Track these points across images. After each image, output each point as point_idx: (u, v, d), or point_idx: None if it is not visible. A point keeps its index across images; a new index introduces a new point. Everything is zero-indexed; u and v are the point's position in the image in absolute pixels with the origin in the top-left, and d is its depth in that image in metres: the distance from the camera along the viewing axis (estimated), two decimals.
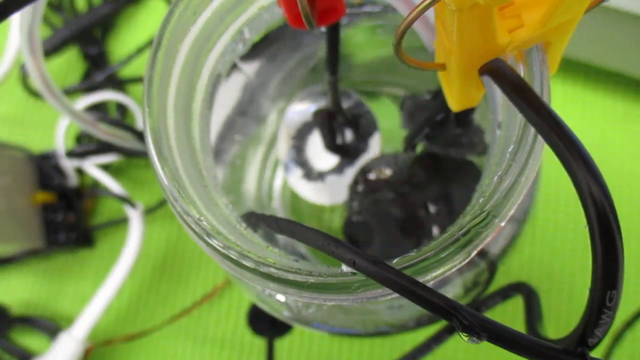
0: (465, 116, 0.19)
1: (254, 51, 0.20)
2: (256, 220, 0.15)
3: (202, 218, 0.13)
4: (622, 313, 0.32)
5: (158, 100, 0.15)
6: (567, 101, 0.35)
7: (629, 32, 0.29)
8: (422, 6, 0.11)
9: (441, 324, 0.20)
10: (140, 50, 0.37)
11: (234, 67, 0.20)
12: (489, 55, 0.12)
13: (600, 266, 0.11)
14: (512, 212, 0.13)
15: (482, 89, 0.15)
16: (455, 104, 0.15)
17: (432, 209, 0.23)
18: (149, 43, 0.37)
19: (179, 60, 0.15)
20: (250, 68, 0.24)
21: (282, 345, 0.34)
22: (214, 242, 0.13)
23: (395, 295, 0.12)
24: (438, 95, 0.19)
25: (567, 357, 0.11)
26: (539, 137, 0.12)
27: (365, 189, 0.25)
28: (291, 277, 0.12)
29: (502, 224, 0.13)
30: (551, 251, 0.33)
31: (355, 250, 0.12)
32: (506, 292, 0.19)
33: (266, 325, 0.27)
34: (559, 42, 0.13)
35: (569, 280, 0.33)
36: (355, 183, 0.25)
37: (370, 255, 0.12)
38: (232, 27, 0.16)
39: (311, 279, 0.12)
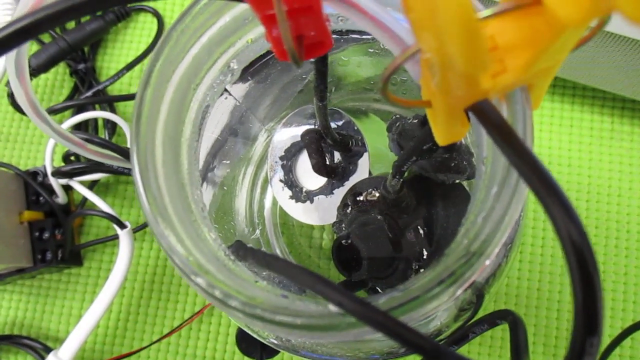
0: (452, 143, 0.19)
1: (243, 75, 0.20)
2: (244, 253, 0.15)
3: (190, 257, 0.13)
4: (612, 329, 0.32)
5: (146, 137, 0.15)
6: (555, 118, 0.36)
7: (616, 53, 0.29)
8: (405, 55, 0.11)
9: None
10: (129, 67, 0.37)
11: (223, 91, 0.20)
12: (472, 99, 0.12)
13: (581, 312, 0.11)
14: (497, 250, 0.13)
15: (466, 125, 0.15)
16: (441, 139, 0.15)
17: (421, 231, 0.23)
18: (138, 59, 0.37)
19: (167, 96, 0.15)
20: (239, 91, 0.24)
21: None
22: (199, 281, 0.13)
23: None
24: (425, 123, 0.19)
25: None
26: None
27: (353, 211, 0.25)
28: (278, 318, 0.12)
29: (487, 262, 0.13)
30: (540, 275, 0.33)
31: (343, 291, 0.12)
32: (492, 320, 0.19)
33: (255, 347, 0.27)
34: (541, 84, 0.13)
35: (557, 307, 0.33)
36: (344, 205, 0.25)
37: (358, 298, 0.12)
38: (220, 61, 0.16)
39: (298, 320, 0.12)
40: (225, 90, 0.22)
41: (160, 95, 0.14)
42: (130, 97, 0.36)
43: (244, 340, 0.27)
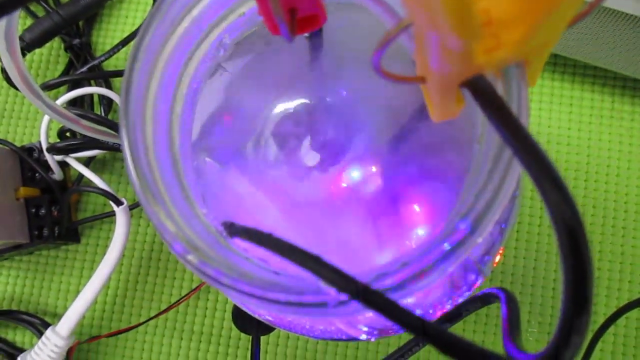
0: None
1: (237, 50, 0.19)
2: (237, 231, 0.15)
3: (179, 233, 0.13)
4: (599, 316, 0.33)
5: (135, 112, 0.14)
6: (555, 96, 0.35)
7: (617, 30, 0.28)
8: (398, 28, 0.11)
9: None
10: (125, 42, 0.36)
11: (217, 66, 0.19)
12: (466, 74, 0.12)
13: (571, 292, 0.11)
14: (489, 227, 0.13)
15: (462, 102, 0.14)
16: (436, 116, 0.15)
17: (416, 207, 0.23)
18: (133, 34, 0.37)
19: (157, 71, 0.14)
20: (234, 66, 0.24)
21: (268, 340, 0.34)
22: (190, 258, 0.13)
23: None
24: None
25: None
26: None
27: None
28: (270, 295, 0.12)
29: (479, 240, 0.13)
30: (536, 254, 0.33)
31: (336, 269, 0.12)
32: (486, 298, 0.19)
33: (251, 323, 0.27)
34: (537, 60, 0.13)
35: (552, 286, 0.33)
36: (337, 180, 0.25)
37: (349, 276, 0.12)
38: (212, 35, 0.16)
39: (290, 298, 0.12)
40: (220, 66, 0.22)
41: (149, 69, 0.14)
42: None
43: (239, 317, 0.27)
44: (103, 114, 0.35)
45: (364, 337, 0.18)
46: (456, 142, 0.16)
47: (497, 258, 0.20)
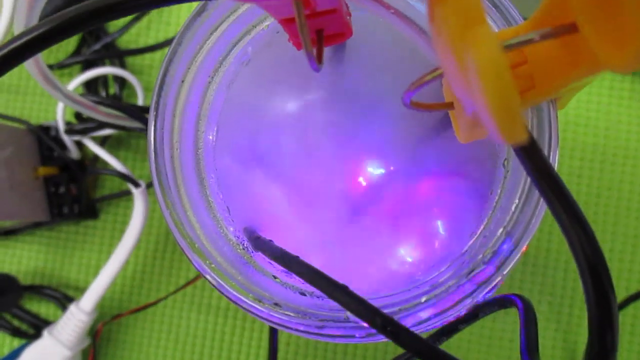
0: None
1: (257, 57, 0.19)
2: (263, 248, 0.16)
3: (212, 264, 0.13)
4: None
5: (162, 126, 0.15)
6: None
7: None
8: (432, 75, 0.11)
9: None
10: (137, 18, 0.36)
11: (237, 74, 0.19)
12: None
13: (596, 332, 0.11)
14: (516, 259, 0.13)
15: None
16: (462, 138, 0.15)
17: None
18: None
19: (182, 93, 0.14)
20: (253, 72, 0.23)
21: None
22: (221, 289, 0.13)
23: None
24: None
25: None
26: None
27: None
28: (302, 328, 0.13)
29: (505, 272, 0.13)
30: (554, 263, 0.34)
31: (362, 300, 0.13)
32: (503, 302, 0.19)
33: None
34: (569, 95, 0.13)
35: (570, 295, 0.33)
36: None
37: (377, 309, 0.12)
38: (236, 49, 0.15)
39: (317, 331, 0.13)
40: (240, 72, 0.22)
41: (177, 91, 0.14)
42: (140, 50, 0.35)
43: None
44: (117, 92, 0.35)
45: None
46: (479, 160, 0.16)
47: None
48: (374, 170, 0.23)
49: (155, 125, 0.13)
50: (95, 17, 0.11)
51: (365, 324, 0.13)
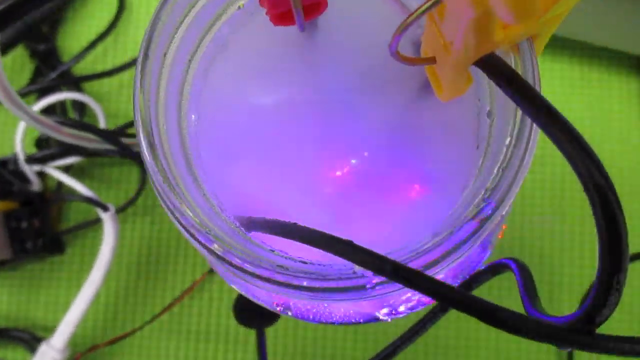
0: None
1: (234, 43, 0.19)
2: (257, 224, 0.15)
3: (208, 230, 0.13)
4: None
5: (148, 94, 0.14)
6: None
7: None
8: (421, 10, 0.11)
9: (433, 305, 0.21)
10: (92, 45, 0.35)
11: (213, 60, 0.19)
12: (484, 51, 0.12)
13: (607, 252, 0.11)
14: (512, 199, 0.14)
15: (471, 80, 0.15)
16: (444, 96, 0.15)
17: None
18: (101, 35, 0.36)
19: (165, 72, 0.14)
20: (231, 58, 0.23)
21: (270, 332, 0.34)
22: (227, 257, 0.13)
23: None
24: None
25: (577, 336, 0.12)
26: (535, 128, 0.13)
27: None
28: (306, 283, 0.12)
29: (503, 212, 0.13)
30: (540, 228, 0.34)
31: (371, 251, 0.12)
32: (496, 268, 0.19)
33: (255, 315, 0.27)
34: (546, 32, 0.13)
35: (559, 255, 0.34)
36: None
37: (386, 257, 0.12)
38: (212, 30, 0.15)
39: (326, 284, 0.12)
40: (217, 58, 0.22)
41: (158, 69, 0.14)
42: (98, 75, 0.35)
43: (242, 311, 0.27)
44: (77, 119, 0.34)
45: (384, 317, 0.18)
46: (462, 118, 0.16)
47: (501, 230, 0.21)
48: (360, 144, 0.23)
49: (142, 88, 0.13)
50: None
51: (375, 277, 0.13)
